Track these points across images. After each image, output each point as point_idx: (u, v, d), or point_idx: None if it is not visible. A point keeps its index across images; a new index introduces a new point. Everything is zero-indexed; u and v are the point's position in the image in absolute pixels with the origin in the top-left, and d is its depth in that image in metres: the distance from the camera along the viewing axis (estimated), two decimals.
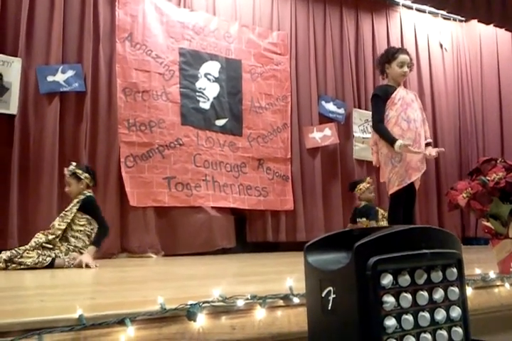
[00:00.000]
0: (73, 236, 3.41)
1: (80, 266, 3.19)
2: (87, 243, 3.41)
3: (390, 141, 3.36)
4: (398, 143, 3.29)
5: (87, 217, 3.48)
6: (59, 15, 4.48)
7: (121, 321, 1.00)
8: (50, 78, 4.38)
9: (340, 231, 0.97)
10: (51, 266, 3.20)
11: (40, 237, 3.31)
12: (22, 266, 3.09)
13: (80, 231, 3.43)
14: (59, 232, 3.36)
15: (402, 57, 3.55)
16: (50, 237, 3.33)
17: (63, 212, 3.48)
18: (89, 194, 3.55)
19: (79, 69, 4.49)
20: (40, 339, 0.90)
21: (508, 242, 2.03)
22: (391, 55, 3.58)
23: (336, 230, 0.98)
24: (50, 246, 3.29)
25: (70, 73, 4.44)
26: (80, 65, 4.52)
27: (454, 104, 6.79)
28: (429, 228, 0.91)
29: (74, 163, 3.65)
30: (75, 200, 3.49)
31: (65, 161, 4.40)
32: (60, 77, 4.40)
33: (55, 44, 4.44)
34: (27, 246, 3.20)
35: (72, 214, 3.42)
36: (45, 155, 4.31)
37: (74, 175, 3.55)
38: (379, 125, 3.48)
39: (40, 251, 3.21)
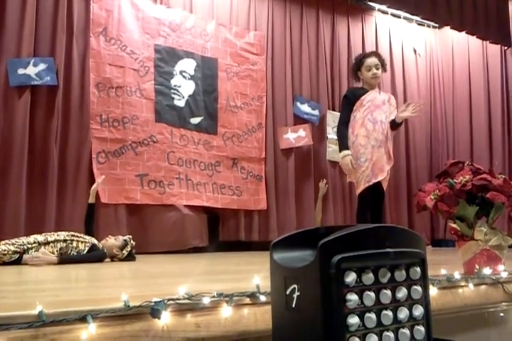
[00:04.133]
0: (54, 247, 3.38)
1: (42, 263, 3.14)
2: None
3: (340, 146, 3.55)
4: (343, 153, 3.50)
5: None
6: (32, 7, 4.39)
7: (82, 318, 0.98)
8: (20, 71, 4.28)
9: (307, 229, 0.97)
10: (19, 261, 3.15)
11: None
12: None
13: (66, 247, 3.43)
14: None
15: (369, 60, 3.66)
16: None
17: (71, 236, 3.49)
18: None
19: (51, 62, 4.40)
20: None
21: (473, 244, 2.07)
22: (359, 61, 3.72)
23: None
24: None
25: (42, 66, 4.35)
26: (52, 59, 4.43)
27: (426, 107, 6.90)
28: (394, 227, 0.92)
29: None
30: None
31: (34, 156, 4.33)
32: (31, 70, 4.31)
33: (27, 36, 4.34)
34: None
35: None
36: (14, 149, 4.21)
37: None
38: (340, 127, 3.65)
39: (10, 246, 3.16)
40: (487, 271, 1.97)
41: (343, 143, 3.55)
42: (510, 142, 6.25)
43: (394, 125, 3.59)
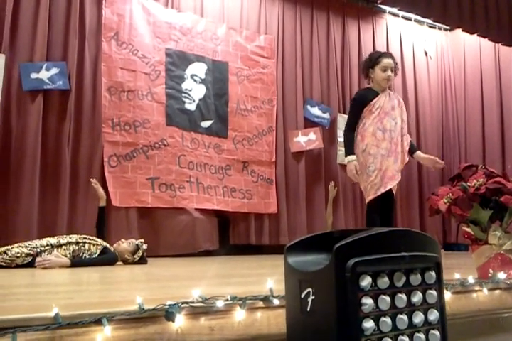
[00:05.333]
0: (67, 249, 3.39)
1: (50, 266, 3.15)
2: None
3: (346, 151, 3.49)
4: (348, 159, 3.44)
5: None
6: (44, 11, 4.44)
7: (98, 320, 0.99)
8: (33, 75, 4.33)
9: (321, 233, 0.97)
10: (32, 264, 3.17)
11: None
12: (5, 260, 3.07)
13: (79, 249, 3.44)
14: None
15: (386, 61, 3.52)
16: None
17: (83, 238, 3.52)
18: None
19: (63, 67, 4.45)
20: (13, 338, 0.88)
21: (487, 248, 2.05)
22: (374, 59, 3.55)
23: None
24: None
25: (54, 71, 4.39)
26: (64, 63, 4.47)
27: (438, 110, 6.88)
28: (409, 231, 0.92)
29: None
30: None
31: (47, 159, 4.37)
32: (43, 75, 4.35)
33: (39, 41, 4.39)
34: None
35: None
36: (27, 153, 4.25)
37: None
38: (346, 132, 3.56)
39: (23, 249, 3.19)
40: (501, 275, 1.95)
41: (348, 148, 3.48)
42: None
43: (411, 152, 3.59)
